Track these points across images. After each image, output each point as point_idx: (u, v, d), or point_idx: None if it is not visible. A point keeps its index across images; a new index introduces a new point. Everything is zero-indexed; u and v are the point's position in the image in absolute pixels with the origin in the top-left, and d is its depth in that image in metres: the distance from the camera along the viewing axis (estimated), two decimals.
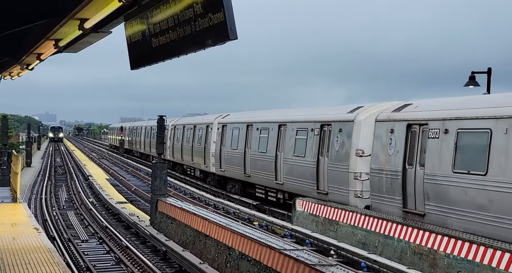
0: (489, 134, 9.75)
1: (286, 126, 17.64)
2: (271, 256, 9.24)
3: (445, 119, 11.00)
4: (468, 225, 10.08)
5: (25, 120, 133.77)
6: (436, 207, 10.81)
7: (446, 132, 10.85)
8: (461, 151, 10.47)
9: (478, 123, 10.16)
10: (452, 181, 10.47)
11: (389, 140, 12.58)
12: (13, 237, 10.28)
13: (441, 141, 10.97)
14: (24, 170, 33.17)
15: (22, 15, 5.57)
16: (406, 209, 11.84)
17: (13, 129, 75.95)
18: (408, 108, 12.61)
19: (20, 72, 10.22)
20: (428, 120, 11.47)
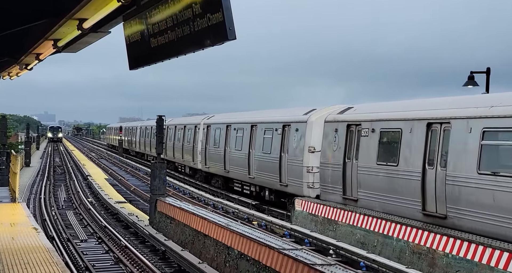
0: (400, 133, 12.29)
1: (257, 126, 19.74)
2: (270, 255, 9.25)
3: (373, 120, 13.40)
4: (385, 207, 12.61)
5: (24, 120, 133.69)
6: (366, 194, 13.27)
7: (373, 131, 13.27)
8: (382, 147, 12.93)
9: (393, 124, 12.71)
10: (376, 172, 12.94)
11: (334, 138, 14.82)
12: (12, 237, 10.28)
13: (369, 139, 13.37)
14: (23, 170, 33.15)
15: (21, 15, 5.58)
16: (345, 196, 14.15)
17: (12, 129, 75.85)
18: (349, 111, 14.91)
19: (19, 72, 10.21)
20: (361, 121, 13.80)
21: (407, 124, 12.07)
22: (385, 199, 12.55)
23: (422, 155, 11.45)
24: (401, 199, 12.00)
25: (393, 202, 12.28)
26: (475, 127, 10.10)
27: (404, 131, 12.14)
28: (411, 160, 11.82)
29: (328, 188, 14.93)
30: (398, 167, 12.19)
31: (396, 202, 12.16)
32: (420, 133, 11.59)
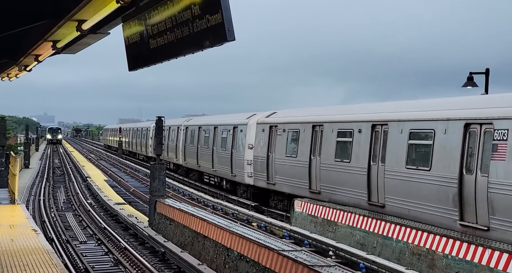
0: (298, 132, 16.97)
1: (218, 128, 24.43)
2: (269, 257, 9.24)
3: (285, 123, 17.98)
4: (296, 190, 16.50)
5: (23, 121, 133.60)
6: (279, 179, 17.80)
7: (284, 131, 17.74)
8: (289, 143, 17.42)
9: (295, 126, 17.22)
10: (284, 162, 17.46)
11: (262, 136, 19.25)
12: (11, 239, 10.26)
13: (282, 137, 17.81)
14: (22, 172, 33.12)
15: (20, 16, 5.57)
16: (268, 181, 18.63)
17: (11, 130, 75.76)
18: (273, 115, 19.68)
19: (18, 73, 10.21)
20: (278, 123, 18.38)
21: (302, 126, 16.76)
22: (294, 184, 16.78)
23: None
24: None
25: (301, 185, 16.46)
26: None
27: (301, 131, 16.77)
28: (305, 153, 16.28)
29: (258, 175, 19.45)
30: (297, 158, 16.69)
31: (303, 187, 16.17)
32: (308, 132, 16.30)
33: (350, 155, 14.08)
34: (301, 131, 16.60)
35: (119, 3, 4.71)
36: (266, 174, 18.54)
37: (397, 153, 12.26)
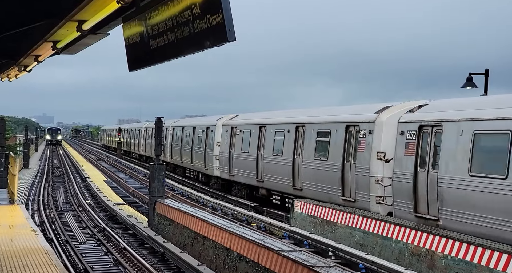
0: (250, 132, 20.81)
1: (196, 128, 28.44)
2: (269, 257, 9.24)
3: (241, 124, 22.12)
4: (249, 180, 20.57)
5: (22, 122, 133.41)
6: (237, 171, 21.71)
7: (241, 131, 21.80)
8: (244, 140, 21.18)
9: (248, 127, 21.17)
10: (241, 157, 21.43)
11: (228, 135, 22.92)
12: (11, 239, 10.25)
13: (241, 136, 21.71)
14: (21, 172, 33.09)
15: (20, 16, 5.57)
16: (229, 173, 22.57)
17: (11, 131, 75.70)
18: (235, 118, 23.84)
19: (18, 73, 10.20)
20: (238, 125, 22.43)
21: (252, 127, 20.91)
22: (248, 176, 20.74)
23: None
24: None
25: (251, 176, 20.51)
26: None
27: (253, 131, 20.75)
28: (252, 150, 20.52)
29: (223, 169, 23.47)
30: (248, 153, 20.67)
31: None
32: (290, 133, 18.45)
33: (282, 150, 18.10)
34: (252, 131, 20.68)
35: (120, 3, 4.71)
36: (227, 167, 22.64)
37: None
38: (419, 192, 11.49)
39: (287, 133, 17.85)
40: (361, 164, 13.75)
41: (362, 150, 13.74)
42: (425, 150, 11.49)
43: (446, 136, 10.81)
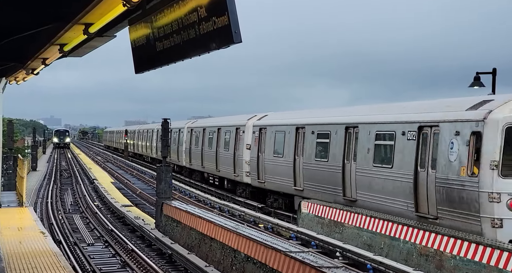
0: (216, 133, 25.39)
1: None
2: (276, 258, 9.23)
3: (210, 127, 26.87)
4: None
5: (30, 124, 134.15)
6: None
7: (214, 132, 25.71)
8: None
9: (212, 129, 25.95)
10: (209, 153, 25.99)
11: (194, 136, 29.13)
12: (20, 241, 10.31)
13: (215, 137, 25.51)
14: (29, 174, 33.28)
15: (27, 20, 5.61)
16: (203, 166, 27.40)
17: (19, 133, 76.13)
18: (200, 121, 31.12)
19: (26, 76, 10.27)
20: (206, 127, 27.47)
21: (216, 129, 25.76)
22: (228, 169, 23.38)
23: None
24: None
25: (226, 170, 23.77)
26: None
27: (217, 133, 25.41)
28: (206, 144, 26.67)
29: (194, 162, 29.10)
30: (211, 150, 25.69)
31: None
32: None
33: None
34: (217, 132, 25.40)
35: (126, 6, 4.73)
36: (200, 161, 27.79)
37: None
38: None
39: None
40: None
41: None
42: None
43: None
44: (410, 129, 12.21)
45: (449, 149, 10.99)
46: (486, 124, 10.35)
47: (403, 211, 12.02)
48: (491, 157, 10.19)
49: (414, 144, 11.94)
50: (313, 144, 16.33)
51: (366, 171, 13.36)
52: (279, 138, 18.40)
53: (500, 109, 10.44)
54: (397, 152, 12.46)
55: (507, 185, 10.06)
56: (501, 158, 10.18)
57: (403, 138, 12.31)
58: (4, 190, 17.82)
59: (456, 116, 11.02)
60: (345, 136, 14.82)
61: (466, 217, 10.52)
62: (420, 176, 11.70)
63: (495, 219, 10.05)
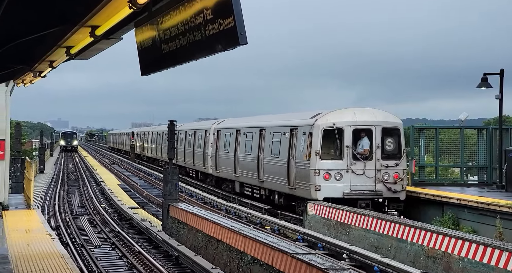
0: (193, 135, 30.28)
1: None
2: (283, 260, 9.22)
3: (189, 129, 31.52)
4: None
5: (38, 127, 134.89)
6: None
7: (192, 134, 30.15)
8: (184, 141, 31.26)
9: (190, 131, 30.97)
10: (188, 151, 30.67)
11: (179, 138, 31.50)
12: (27, 244, 10.36)
13: (192, 138, 29.96)
14: (37, 177, 33.45)
15: (34, 23, 5.64)
16: (185, 162, 31.29)
17: (26, 136, 76.57)
18: (186, 124, 34.31)
19: (33, 79, 10.32)
20: (187, 129, 31.29)
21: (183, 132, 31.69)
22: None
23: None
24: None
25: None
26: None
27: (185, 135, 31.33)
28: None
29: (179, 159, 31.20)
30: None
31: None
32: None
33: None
34: (186, 134, 30.78)
35: (132, 8, 4.73)
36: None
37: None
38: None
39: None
40: None
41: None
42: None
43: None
44: (286, 130, 18.16)
45: (301, 143, 16.99)
46: (314, 127, 16.47)
47: (283, 186, 17.95)
48: (316, 148, 16.24)
49: (288, 140, 17.85)
50: (244, 142, 22.02)
51: (267, 160, 19.42)
52: (227, 138, 24.08)
53: (321, 119, 16.58)
54: (282, 146, 18.32)
55: (323, 165, 16.18)
56: (320, 148, 16.22)
57: (284, 136, 18.23)
58: (12, 193, 17.91)
59: (304, 123, 17.20)
60: (259, 136, 20.47)
61: (305, 186, 16.51)
62: (290, 162, 17.62)
63: (316, 185, 16.16)
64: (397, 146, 16.70)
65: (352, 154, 16.20)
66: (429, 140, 20.64)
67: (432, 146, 20.55)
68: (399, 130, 16.83)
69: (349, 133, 16.32)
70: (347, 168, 16.16)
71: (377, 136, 16.43)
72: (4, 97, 14.64)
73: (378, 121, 16.64)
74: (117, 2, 4.91)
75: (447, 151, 20.34)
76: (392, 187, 16.21)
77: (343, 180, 16.15)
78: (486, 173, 19.72)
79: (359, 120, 16.56)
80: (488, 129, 20.22)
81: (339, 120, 16.48)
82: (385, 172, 16.24)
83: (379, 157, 16.30)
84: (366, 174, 16.19)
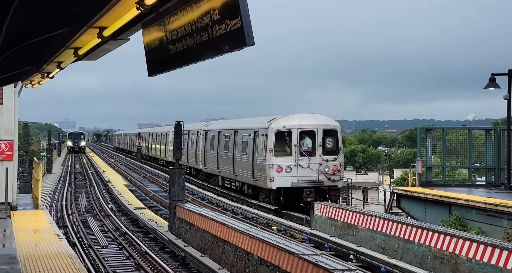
0: (187, 135, 32.64)
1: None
2: (290, 261, 9.21)
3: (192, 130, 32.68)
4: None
5: (45, 128, 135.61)
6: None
7: (186, 134, 31.31)
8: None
9: (185, 132, 27.14)
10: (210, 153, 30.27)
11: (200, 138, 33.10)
12: (35, 244, 10.41)
13: (186, 138, 32.22)
14: (45, 177, 33.63)
15: (43, 24, 5.68)
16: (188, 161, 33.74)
17: (34, 136, 77.03)
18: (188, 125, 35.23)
19: (41, 80, 10.38)
20: (189, 130, 32.28)
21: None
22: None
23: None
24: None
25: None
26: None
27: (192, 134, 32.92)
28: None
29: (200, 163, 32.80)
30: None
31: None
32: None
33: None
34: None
35: (140, 9, 4.75)
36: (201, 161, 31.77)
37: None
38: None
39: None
40: None
41: None
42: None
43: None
44: (251, 132, 22.08)
45: (260, 143, 20.88)
46: (269, 130, 20.38)
47: (249, 178, 21.75)
48: (270, 147, 20.09)
49: (252, 141, 21.70)
50: (224, 142, 25.52)
51: (239, 157, 22.99)
52: (213, 138, 27.35)
53: (274, 123, 20.56)
54: (248, 146, 22.08)
55: (276, 160, 19.95)
56: (274, 147, 20.08)
57: (250, 137, 22.05)
58: (20, 193, 18.02)
59: (262, 126, 21.18)
60: (234, 137, 23.98)
61: (263, 177, 20.40)
62: (254, 158, 21.43)
63: (271, 177, 19.93)
64: (336, 144, 20.41)
65: (299, 151, 19.85)
66: (436, 141, 20.56)
67: (440, 147, 20.46)
68: (337, 131, 20.55)
69: (296, 134, 20.03)
70: (295, 162, 19.87)
71: (319, 136, 20.11)
72: (13, 98, 14.72)
73: (320, 124, 20.31)
74: (125, 3, 4.93)
75: (454, 152, 20.24)
76: (331, 177, 19.82)
77: (292, 172, 19.79)
78: (494, 174, 19.60)
79: (305, 124, 20.22)
80: (496, 129, 20.10)
81: (288, 123, 20.22)
82: (326, 165, 19.90)
83: (320, 153, 19.96)
84: (310, 167, 19.83)
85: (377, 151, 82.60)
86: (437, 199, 16.68)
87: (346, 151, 71.05)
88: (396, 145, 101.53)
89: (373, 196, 35.13)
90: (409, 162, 52.73)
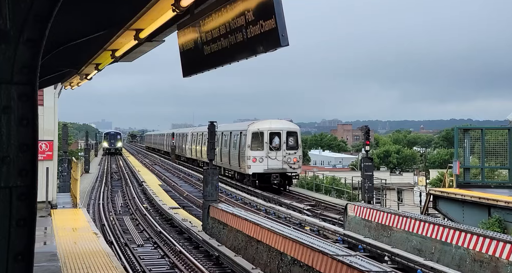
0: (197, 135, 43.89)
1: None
2: (323, 261, 9.15)
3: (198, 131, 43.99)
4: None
5: (83, 128, 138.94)
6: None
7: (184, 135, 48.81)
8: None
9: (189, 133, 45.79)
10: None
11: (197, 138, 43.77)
12: (74, 242, 10.69)
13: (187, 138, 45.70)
14: (82, 176, 34.46)
15: (83, 28, 5.83)
16: (192, 155, 46.14)
17: (73, 136, 79.09)
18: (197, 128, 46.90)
19: (80, 81, 10.66)
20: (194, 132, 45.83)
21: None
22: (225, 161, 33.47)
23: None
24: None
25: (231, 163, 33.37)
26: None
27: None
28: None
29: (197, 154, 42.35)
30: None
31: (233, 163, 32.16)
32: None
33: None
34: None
35: (175, 11, 4.82)
36: None
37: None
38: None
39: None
40: None
41: None
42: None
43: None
44: (238, 133, 29.91)
45: (243, 140, 28.52)
46: (247, 131, 28.64)
47: (237, 167, 29.59)
48: (248, 143, 28.13)
49: (239, 139, 29.23)
50: (223, 141, 32.52)
51: (232, 152, 30.37)
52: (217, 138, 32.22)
53: (251, 126, 28.89)
54: (237, 143, 29.57)
55: (252, 153, 27.92)
56: (250, 143, 28.09)
57: (238, 136, 29.56)
58: (59, 192, 18.52)
59: (244, 128, 29.41)
60: (230, 136, 31.31)
61: (244, 166, 28.12)
62: (239, 152, 29.01)
63: (248, 165, 27.95)
64: (296, 142, 28.47)
65: (269, 147, 27.90)
66: (474, 141, 20.03)
67: (478, 147, 19.92)
68: (297, 132, 28.88)
69: (267, 134, 28.20)
70: (266, 155, 27.89)
71: (284, 136, 28.28)
72: (53, 99, 15.15)
73: (285, 127, 28.83)
74: (161, 5, 5.02)
75: (493, 153, 19.68)
76: (292, 166, 27.96)
77: (264, 162, 27.87)
78: None
79: (273, 127, 28.59)
80: None
81: (261, 126, 28.60)
82: (288, 157, 27.99)
83: (284, 149, 28.05)
84: (277, 159, 27.90)
85: (412, 151, 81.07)
86: (475, 201, 16.26)
87: (380, 152, 71.62)
88: (432, 146, 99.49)
89: (408, 197, 34.52)
90: (445, 163, 51.56)
